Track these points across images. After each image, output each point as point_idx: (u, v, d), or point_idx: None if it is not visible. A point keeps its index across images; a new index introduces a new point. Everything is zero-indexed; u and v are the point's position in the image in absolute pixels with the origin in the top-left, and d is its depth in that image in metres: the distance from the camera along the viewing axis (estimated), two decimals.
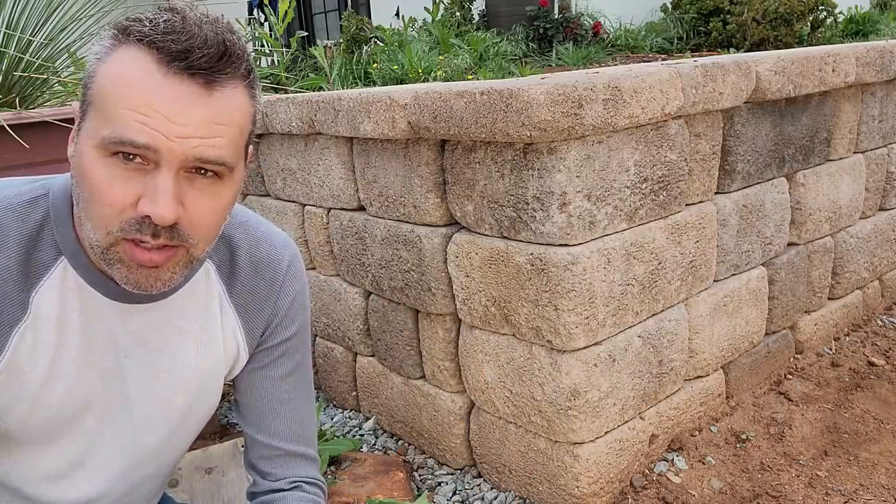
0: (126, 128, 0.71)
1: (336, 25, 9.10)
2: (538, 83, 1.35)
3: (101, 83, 0.74)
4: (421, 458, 1.96)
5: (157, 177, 0.73)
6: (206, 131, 0.74)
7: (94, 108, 0.74)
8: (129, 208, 0.74)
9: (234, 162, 0.78)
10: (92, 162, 0.74)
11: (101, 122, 0.73)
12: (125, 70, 0.73)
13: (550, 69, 5.04)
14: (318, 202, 2.09)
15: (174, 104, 0.72)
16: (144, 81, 0.72)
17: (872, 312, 2.53)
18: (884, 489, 1.64)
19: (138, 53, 0.73)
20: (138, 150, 0.72)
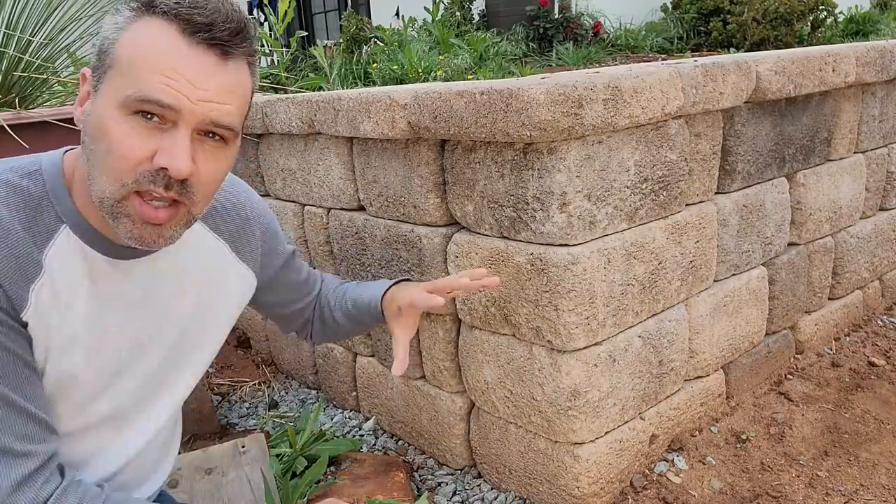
0: (154, 89, 0.79)
1: (336, 25, 9.10)
2: (538, 83, 1.35)
3: (126, 49, 0.81)
4: (421, 459, 1.95)
5: (176, 134, 0.81)
6: (221, 97, 0.83)
7: (117, 71, 0.81)
8: (145, 161, 0.81)
9: (239, 129, 0.88)
10: (113, 119, 0.80)
11: (126, 84, 0.80)
12: (152, 38, 0.80)
13: (550, 69, 5.03)
14: (317, 202, 2.09)
15: (197, 71, 0.81)
16: (171, 48, 0.80)
17: (873, 312, 2.53)
18: (884, 489, 1.63)
19: (164, 23, 0.81)
20: (161, 110, 0.80)
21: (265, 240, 1.19)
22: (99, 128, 0.82)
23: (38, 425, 0.87)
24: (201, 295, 1.06)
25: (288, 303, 1.35)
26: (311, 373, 2.41)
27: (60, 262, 0.88)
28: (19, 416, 0.85)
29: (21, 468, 0.84)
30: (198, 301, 1.06)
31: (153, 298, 0.99)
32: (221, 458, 1.51)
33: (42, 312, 0.87)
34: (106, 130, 0.81)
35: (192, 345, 1.08)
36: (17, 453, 0.84)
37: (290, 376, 2.56)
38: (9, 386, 0.84)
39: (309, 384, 2.46)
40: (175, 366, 1.06)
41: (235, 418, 2.32)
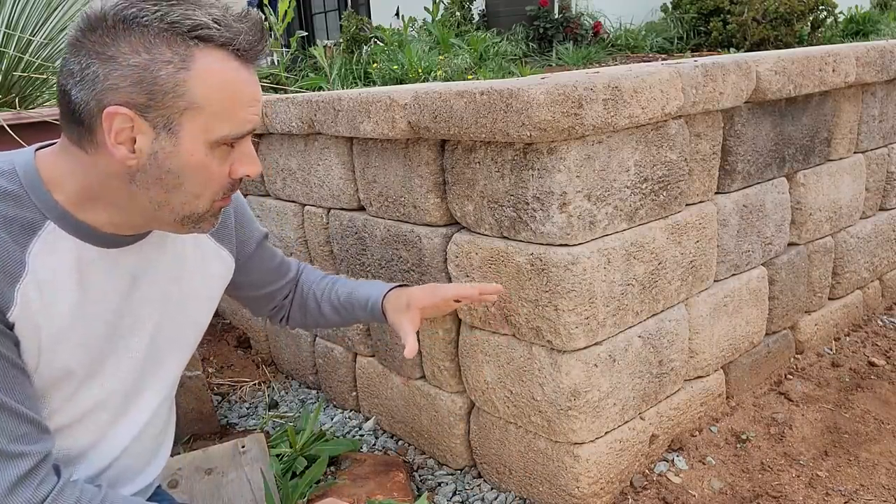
0: (245, 122, 0.87)
1: (336, 25, 9.10)
2: (538, 83, 1.35)
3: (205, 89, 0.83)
4: (421, 459, 1.95)
5: (247, 143, 0.91)
6: (259, 103, 0.90)
7: (202, 112, 0.84)
8: (227, 177, 0.91)
9: None
10: (205, 157, 0.87)
11: (216, 123, 0.85)
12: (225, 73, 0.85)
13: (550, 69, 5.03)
14: (317, 202, 2.09)
15: (258, 88, 0.89)
16: (243, 78, 0.86)
17: (873, 312, 2.53)
18: (884, 489, 1.63)
19: (219, 54, 0.84)
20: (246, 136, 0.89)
21: (239, 223, 1.22)
22: (189, 166, 0.87)
23: (31, 426, 0.87)
24: (184, 279, 1.08)
25: (260, 285, 1.37)
26: (311, 373, 2.41)
27: (46, 258, 0.88)
28: (11, 417, 0.85)
29: (15, 469, 0.84)
30: (181, 285, 1.08)
31: (140, 285, 1.00)
32: (221, 458, 1.51)
33: (29, 311, 0.87)
34: (202, 167, 0.87)
35: (177, 328, 1.09)
36: (11, 455, 0.84)
37: (290, 376, 2.56)
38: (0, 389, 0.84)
39: (309, 384, 2.46)
40: (161, 349, 1.07)
41: (235, 418, 2.32)
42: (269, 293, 1.40)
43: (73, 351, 0.93)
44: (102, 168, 0.87)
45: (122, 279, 0.98)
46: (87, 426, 1.00)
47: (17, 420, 0.85)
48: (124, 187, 0.88)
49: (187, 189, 0.88)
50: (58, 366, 0.92)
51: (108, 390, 1.00)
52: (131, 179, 0.87)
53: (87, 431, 1.00)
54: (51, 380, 0.92)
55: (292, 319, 1.48)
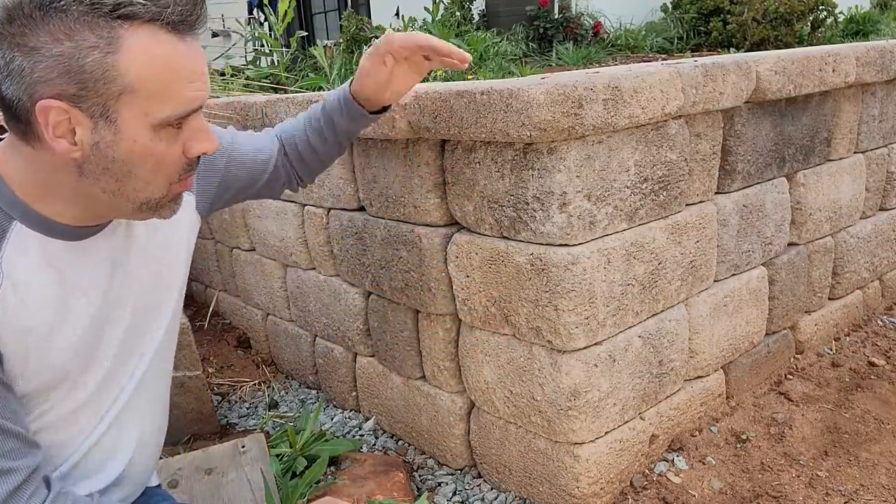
0: (188, 100, 0.82)
1: (336, 25, 9.10)
2: (538, 83, 1.35)
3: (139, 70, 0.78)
4: (421, 459, 1.95)
5: (196, 121, 0.86)
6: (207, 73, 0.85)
7: (140, 95, 0.79)
8: (182, 157, 0.86)
9: None
10: (150, 141, 0.82)
11: (155, 104, 0.80)
12: (158, 50, 0.79)
13: (550, 69, 5.03)
14: (317, 202, 2.09)
15: (200, 61, 0.83)
16: (180, 53, 0.80)
17: (873, 312, 2.53)
18: (884, 489, 1.63)
19: (154, 29, 0.78)
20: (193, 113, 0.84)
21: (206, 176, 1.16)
22: (134, 153, 0.82)
23: (17, 441, 0.85)
24: (161, 241, 1.04)
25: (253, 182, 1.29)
26: (311, 373, 2.41)
27: (18, 259, 0.85)
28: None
29: (4, 486, 0.82)
30: (155, 248, 1.04)
31: (121, 268, 0.97)
32: (221, 458, 1.51)
33: (12, 319, 0.84)
34: (147, 153, 0.83)
35: (161, 287, 1.05)
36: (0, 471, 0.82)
37: (290, 376, 2.56)
38: None
39: (309, 384, 2.46)
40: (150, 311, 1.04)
41: (235, 418, 2.32)
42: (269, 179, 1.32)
43: (63, 348, 0.91)
44: (49, 162, 0.83)
45: (101, 268, 0.94)
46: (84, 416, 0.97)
47: (3, 436, 0.83)
48: (75, 180, 0.84)
49: (138, 176, 0.84)
50: (51, 364, 0.90)
51: (100, 376, 0.98)
52: (80, 171, 0.83)
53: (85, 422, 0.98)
54: (46, 381, 0.90)
55: (304, 175, 1.39)
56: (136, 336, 1.02)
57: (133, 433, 1.05)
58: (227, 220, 2.67)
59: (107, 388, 0.99)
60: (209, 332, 2.85)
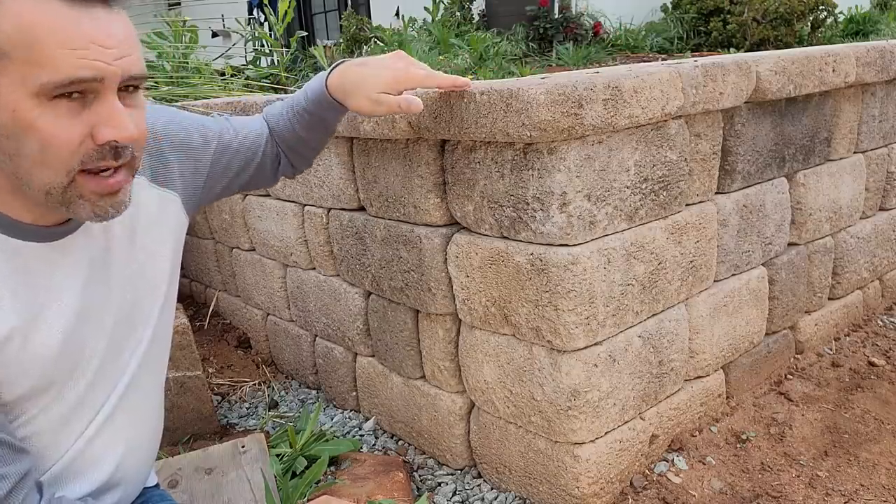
0: (72, 66, 0.73)
1: (336, 25, 9.10)
2: (538, 83, 1.35)
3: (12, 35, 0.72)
4: (421, 459, 1.95)
5: (107, 102, 0.77)
6: (128, 48, 0.77)
7: (11, 60, 0.73)
8: (86, 140, 0.77)
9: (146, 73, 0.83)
10: (32, 111, 0.74)
11: (35, 71, 0.72)
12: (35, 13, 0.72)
13: (550, 69, 5.03)
14: (317, 202, 2.09)
15: (100, 30, 0.75)
16: (63, 17, 0.73)
17: (873, 312, 2.53)
18: (884, 489, 1.63)
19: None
20: (84, 85, 0.74)
21: (183, 157, 1.10)
22: (17, 125, 0.74)
23: (4, 448, 0.83)
24: (135, 242, 0.99)
25: (244, 168, 1.23)
26: (311, 373, 2.41)
27: None
28: None
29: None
30: (137, 249, 1.00)
31: (98, 269, 0.93)
32: (221, 458, 1.51)
33: None
34: (28, 126, 0.74)
35: (145, 290, 1.01)
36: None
37: (290, 376, 2.56)
38: None
39: (309, 384, 2.46)
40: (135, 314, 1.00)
41: (235, 418, 2.32)
42: (257, 168, 1.26)
43: (42, 357, 0.87)
44: None
45: (76, 271, 0.90)
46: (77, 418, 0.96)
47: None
48: None
49: (27, 154, 0.76)
50: (29, 373, 0.86)
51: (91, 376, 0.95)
52: None
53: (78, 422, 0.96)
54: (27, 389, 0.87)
55: (297, 163, 1.35)
56: (121, 340, 0.99)
57: (123, 436, 1.02)
58: (227, 220, 2.67)
59: (94, 393, 0.96)
60: (209, 332, 2.85)
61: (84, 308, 0.91)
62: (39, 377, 0.88)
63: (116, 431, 1.01)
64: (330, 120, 1.29)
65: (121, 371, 1.00)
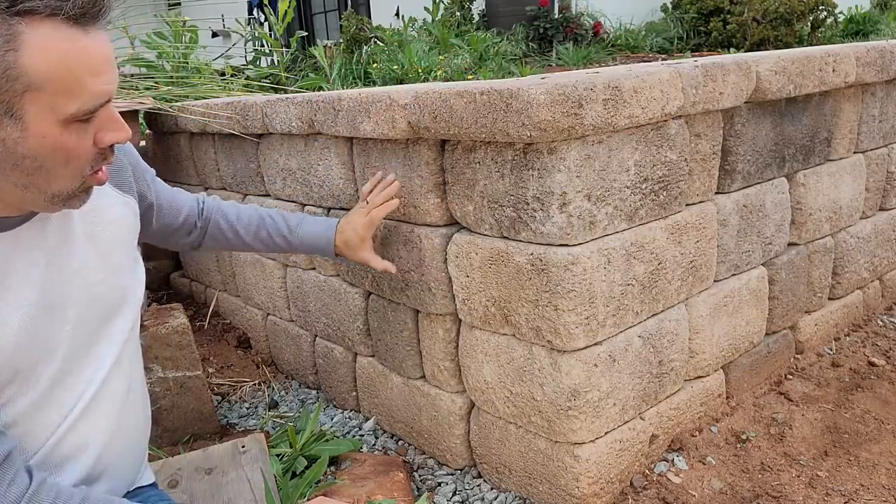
0: (95, 94, 0.81)
1: (336, 25, 9.10)
2: (538, 83, 1.35)
3: (41, 67, 0.76)
4: (421, 459, 1.95)
5: (107, 109, 0.85)
6: (113, 66, 0.85)
7: (44, 91, 0.78)
8: (92, 149, 0.86)
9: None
10: (59, 136, 0.81)
11: (62, 101, 0.79)
12: (60, 44, 0.77)
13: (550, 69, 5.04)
14: (318, 202, 2.09)
15: (104, 56, 0.82)
16: (81, 47, 0.79)
17: (873, 312, 2.53)
18: (884, 489, 1.63)
19: (51, 25, 0.76)
20: (98, 107, 0.83)
21: (136, 171, 1.19)
22: (44, 149, 0.81)
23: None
24: (99, 235, 1.03)
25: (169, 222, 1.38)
26: (311, 373, 2.41)
27: None
28: None
29: None
30: (98, 242, 1.03)
31: (55, 259, 0.95)
32: (221, 458, 1.51)
33: None
34: (57, 147, 0.82)
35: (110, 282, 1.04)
36: None
37: (290, 376, 2.56)
38: None
39: (309, 384, 2.46)
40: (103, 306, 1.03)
41: (235, 418, 2.32)
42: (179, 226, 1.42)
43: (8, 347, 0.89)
44: None
45: (32, 260, 0.92)
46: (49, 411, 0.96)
47: None
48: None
49: (49, 170, 0.83)
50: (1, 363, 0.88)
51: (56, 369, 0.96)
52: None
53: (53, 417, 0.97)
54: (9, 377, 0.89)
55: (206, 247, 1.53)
56: (89, 333, 1.00)
57: (104, 424, 1.03)
58: None
59: (66, 383, 0.97)
60: (209, 332, 2.85)
61: (43, 300, 0.93)
62: (1, 367, 0.88)
63: (97, 420, 1.01)
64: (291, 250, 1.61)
65: (95, 362, 1.02)
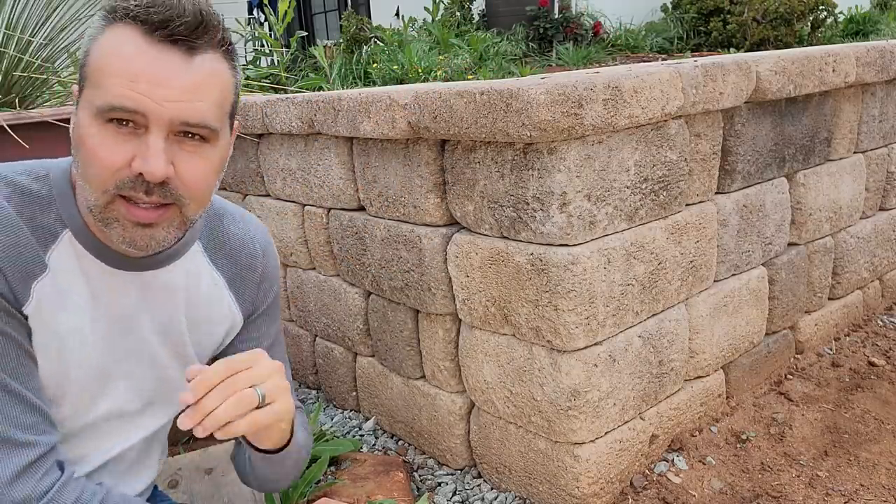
0: (117, 96, 0.79)
1: (336, 25, 9.10)
2: (538, 83, 1.35)
3: (94, 60, 0.81)
4: (421, 459, 1.95)
5: (149, 138, 0.81)
6: (189, 95, 0.81)
7: (90, 82, 0.82)
8: (124, 168, 0.81)
9: (218, 126, 0.85)
10: (89, 129, 0.81)
11: (96, 94, 0.80)
12: (115, 44, 0.80)
13: (550, 69, 5.04)
14: (318, 202, 2.09)
15: (159, 70, 0.80)
16: (132, 52, 0.80)
17: (873, 312, 2.53)
18: (884, 489, 1.63)
19: (126, 29, 0.80)
20: (129, 115, 0.80)
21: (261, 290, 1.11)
22: (79, 139, 0.83)
23: (39, 416, 0.87)
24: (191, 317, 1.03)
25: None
26: (311, 373, 2.41)
27: (62, 264, 0.89)
28: (20, 405, 0.85)
29: (21, 458, 0.83)
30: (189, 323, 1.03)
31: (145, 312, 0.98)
32: (221, 458, 1.51)
33: (42, 309, 0.87)
34: (84, 141, 0.82)
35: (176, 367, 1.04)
36: (18, 443, 0.83)
37: None
38: (10, 374, 0.84)
39: (309, 384, 2.46)
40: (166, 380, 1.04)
41: None
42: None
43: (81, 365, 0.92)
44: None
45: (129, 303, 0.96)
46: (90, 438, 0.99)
47: (27, 409, 0.85)
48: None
49: (81, 163, 0.84)
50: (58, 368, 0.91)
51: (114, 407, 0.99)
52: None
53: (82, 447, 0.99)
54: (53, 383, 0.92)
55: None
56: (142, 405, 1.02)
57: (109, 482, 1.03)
58: None
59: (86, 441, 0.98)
60: None
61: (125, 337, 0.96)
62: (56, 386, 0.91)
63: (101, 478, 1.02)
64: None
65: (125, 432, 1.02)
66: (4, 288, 0.83)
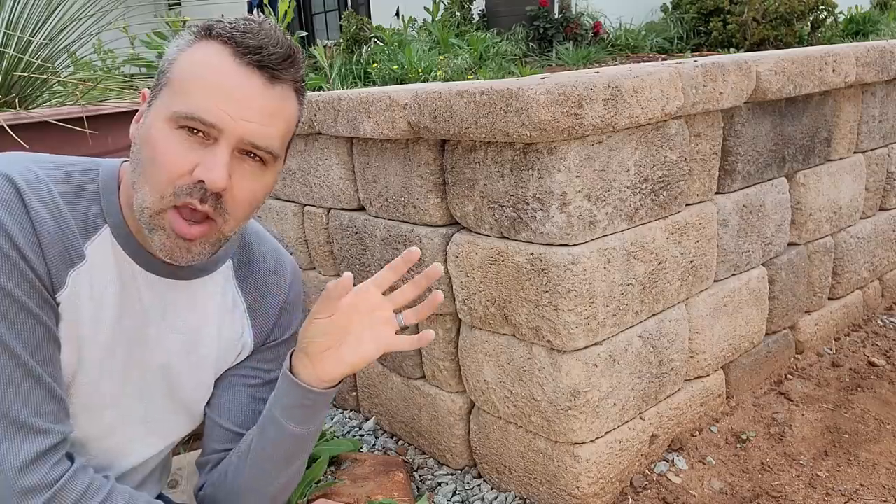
0: (200, 107, 0.83)
1: (336, 25, 9.09)
2: (538, 83, 1.35)
3: (182, 68, 0.86)
4: (421, 459, 1.95)
5: (216, 150, 0.85)
6: (264, 120, 0.86)
7: (171, 88, 0.86)
8: (185, 175, 0.85)
9: (279, 153, 0.92)
10: (159, 132, 0.85)
11: (176, 100, 0.85)
12: (206, 59, 0.86)
13: (550, 69, 5.04)
14: (317, 202, 2.09)
15: (242, 91, 0.85)
16: (221, 69, 0.85)
17: (873, 312, 2.53)
18: (884, 489, 1.63)
19: (219, 47, 0.86)
20: (205, 127, 0.84)
21: (281, 321, 1.12)
22: (147, 138, 0.86)
23: (58, 404, 0.88)
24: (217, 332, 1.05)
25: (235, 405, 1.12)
26: None
27: (99, 257, 0.91)
28: (43, 392, 0.85)
29: (36, 445, 0.84)
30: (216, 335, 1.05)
31: (168, 318, 1.00)
32: None
33: (76, 298, 0.89)
34: (152, 141, 0.85)
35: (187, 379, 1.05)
36: (35, 429, 0.84)
37: None
38: (37, 359, 0.85)
39: None
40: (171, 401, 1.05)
41: None
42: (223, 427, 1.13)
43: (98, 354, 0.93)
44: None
45: (153, 308, 0.98)
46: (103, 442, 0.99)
47: (48, 396, 0.86)
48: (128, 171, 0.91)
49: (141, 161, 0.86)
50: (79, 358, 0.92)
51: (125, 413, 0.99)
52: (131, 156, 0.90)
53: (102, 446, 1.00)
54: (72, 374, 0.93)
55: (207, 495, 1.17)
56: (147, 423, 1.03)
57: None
58: None
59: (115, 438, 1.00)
60: None
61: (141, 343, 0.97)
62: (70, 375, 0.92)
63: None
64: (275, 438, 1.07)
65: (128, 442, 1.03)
66: (44, 272, 0.85)
